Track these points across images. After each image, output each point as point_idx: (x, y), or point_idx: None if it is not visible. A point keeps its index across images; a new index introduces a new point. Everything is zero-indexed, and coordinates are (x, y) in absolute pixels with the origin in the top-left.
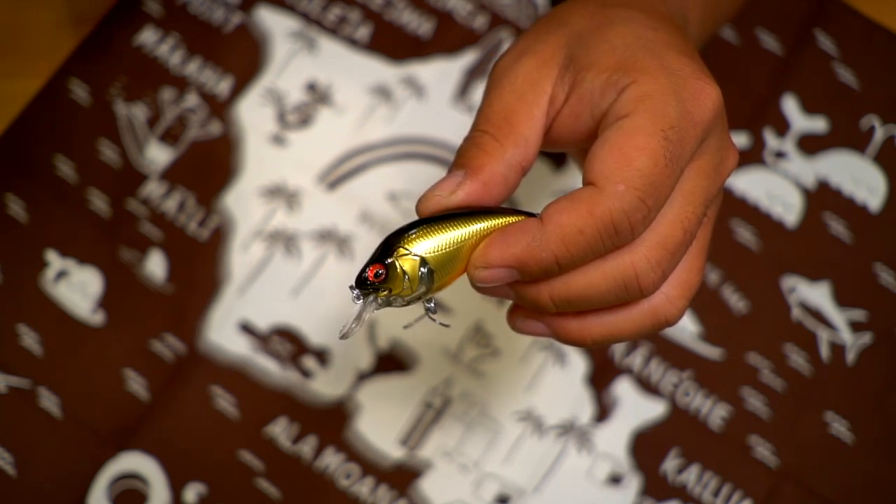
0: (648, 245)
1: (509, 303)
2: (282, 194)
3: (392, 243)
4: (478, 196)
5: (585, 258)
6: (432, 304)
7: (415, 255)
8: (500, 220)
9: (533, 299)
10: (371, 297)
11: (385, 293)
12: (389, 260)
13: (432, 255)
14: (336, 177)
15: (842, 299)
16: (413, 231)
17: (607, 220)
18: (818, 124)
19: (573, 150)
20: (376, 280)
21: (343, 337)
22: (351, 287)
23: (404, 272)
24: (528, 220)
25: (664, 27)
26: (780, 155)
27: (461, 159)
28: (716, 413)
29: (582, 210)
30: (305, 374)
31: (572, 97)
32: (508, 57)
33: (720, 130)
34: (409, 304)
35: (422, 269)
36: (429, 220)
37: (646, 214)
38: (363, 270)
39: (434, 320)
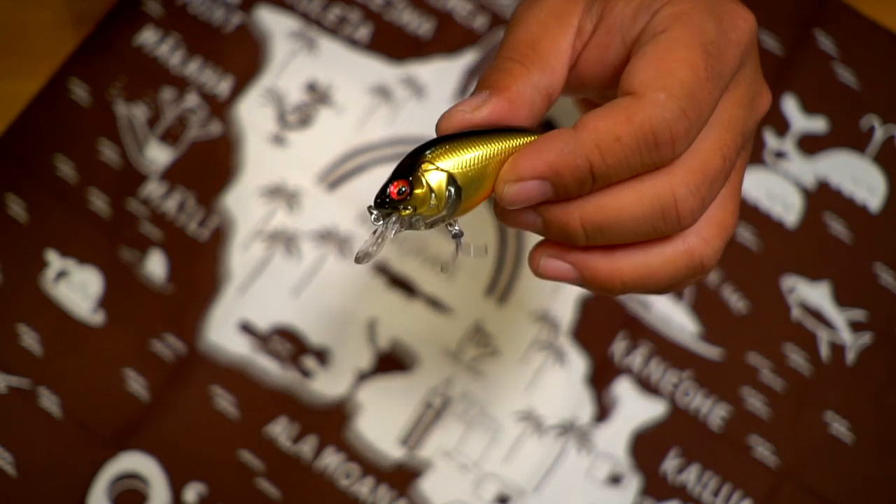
0: (688, 169)
1: (509, 303)
2: (282, 194)
3: (415, 158)
4: (503, 115)
5: (621, 171)
6: (458, 229)
7: (442, 169)
8: (529, 137)
9: (563, 225)
10: (393, 217)
11: (408, 212)
12: (414, 175)
13: (460, 170)
14: (336, 177)
15: (842, 299)
16: (437, 146)
17: (647, 128)
18: (818, 124)
19: (591, 95)
20: (399, 197)
21: (360, 260)
22: (369, 208)
23: (430, 188)
24: (561, 129)
25: None
26: (779, 155)
27: (485, 82)
28: (716, 413)
29: (620, 116)
30: (305, 374)
31: (601, 27)
32: None
33: (754, 62)
34: (432, 226)
35: (449, 188)
36: (451, 137)
37: (687, 127)
38: (384, 187)
39: (458, 250)
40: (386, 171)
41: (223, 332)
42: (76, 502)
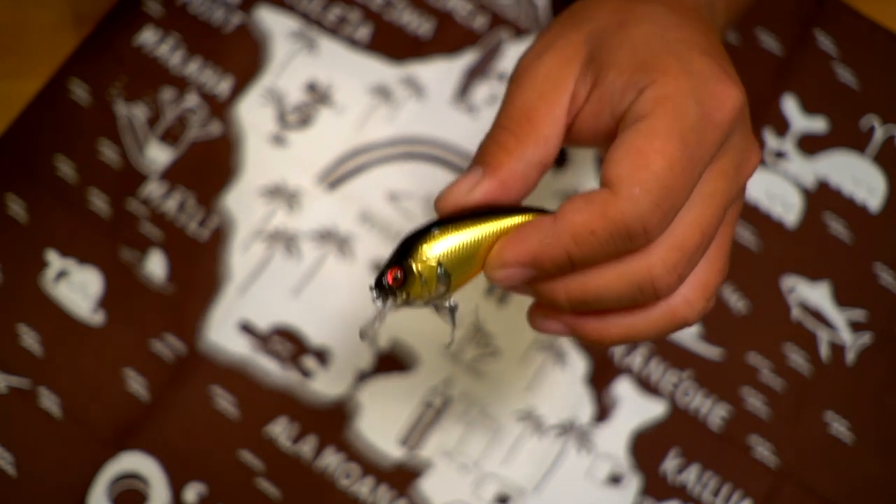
0: (665, 248)
1: (509, 303)
2: (282, 194)
3: (409, 245)
4: (496, 195)
5: (598, 258)
6: (455, 304)
7: (432, 259)
8: (517, 218)
9: (550, 297)
10: (390, 300)
11: (403, 297)
12: (406, 263)
13: (448, 256)
14: (336, 177)
15: (842, 299)
16: (429, 233)
17: (620, 223)
18: (818, 124)
19: (595, 148)
20: (394, 284)
21: (363, 337)
22: (371, 288)
23: (421, 275)
24: (542, 217)
25: (689, 24)
26: (779, 155)
27: (481, 156)
28: (716, 413)
29: (595, 211)
30: (305, 374)
31: (594, 95)
32: (531, 54)
33: (742, 130)
34: (429, 304)
35: (439, 271)
36: (446, 221)
37: (661, 219)
38: (382, 273)
39: (453, 323)
40: (386, 170)
41: (223, 332)
42: (76, 502)
